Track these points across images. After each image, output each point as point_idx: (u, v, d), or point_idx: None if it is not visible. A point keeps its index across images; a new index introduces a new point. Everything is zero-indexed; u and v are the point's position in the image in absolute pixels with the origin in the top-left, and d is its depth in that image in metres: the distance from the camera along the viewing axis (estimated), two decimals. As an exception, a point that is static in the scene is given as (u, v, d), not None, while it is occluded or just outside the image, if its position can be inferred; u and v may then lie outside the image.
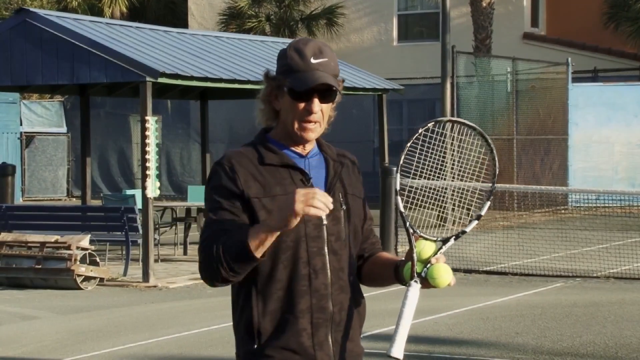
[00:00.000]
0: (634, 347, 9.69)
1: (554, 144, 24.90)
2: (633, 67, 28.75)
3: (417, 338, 10.18)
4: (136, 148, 30.81)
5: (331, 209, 3.24)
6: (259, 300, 3.47)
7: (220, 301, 12.30)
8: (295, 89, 3.44)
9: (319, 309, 3.47)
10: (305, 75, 3.43)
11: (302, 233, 3.44)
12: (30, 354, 10.05)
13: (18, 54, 15.79)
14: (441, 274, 3.41)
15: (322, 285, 3.47)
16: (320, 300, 3.47)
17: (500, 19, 28.31)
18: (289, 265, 3.45)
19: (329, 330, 3.49)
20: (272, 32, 31.29)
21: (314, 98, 3.44)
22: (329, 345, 3.49)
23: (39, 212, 17.04)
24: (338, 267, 3.51)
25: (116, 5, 35.76)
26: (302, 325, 3.45)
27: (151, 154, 14.84)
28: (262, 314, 3.47)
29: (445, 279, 3.41)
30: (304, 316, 3.45)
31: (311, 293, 3.46)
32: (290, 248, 3.43)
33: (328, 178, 3.54)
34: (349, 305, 3.53)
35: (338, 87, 3.47)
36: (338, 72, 3.51)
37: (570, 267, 14.98)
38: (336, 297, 3.49)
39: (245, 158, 3.49)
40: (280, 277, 3.45)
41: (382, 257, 3.67)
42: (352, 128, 27.41)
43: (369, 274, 3.66)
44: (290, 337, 3.45)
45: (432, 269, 3.42)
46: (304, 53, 3.46)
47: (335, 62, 3.50)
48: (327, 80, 3.43)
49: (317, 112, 3.45)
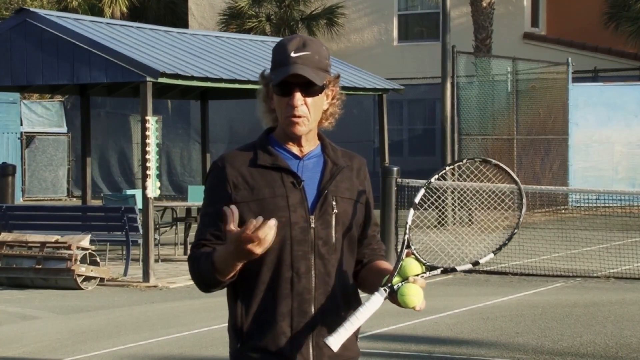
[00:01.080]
0: (634, 347, 9.69)
1: (554, 144, 24.90)
2: (633, 67, 28.75)
3: (417, 338, 10.18)
4: (136, 148, 30.81)
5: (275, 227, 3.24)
6: (243, 301, 3.48)
7: (220, 301, 12.27)
8: (273, 83, 3.44)
9: (300, 313, 3.44)
10: (283, 69, 3.41)
11: (288, 236, 3.42)
12: (30, 354, 10.05)
13: (18, 54, 15.79)
14: (411, 294, 3.35)
15: (304, 289, 3.44)
16: (301, 304, 3.44)
17: (501, 19, 28.31)
18: (272, 268, 3.44)
19: (310, 335, 3.45)
20: (272, 32, 31.30)
21: (295, 92, 3.41)
22: (308, 350, 3.45)
23: (39, 212, 17.03)
24: (324, 271, 3.46)
25: (116, 5, 35.77)
26: (281, 328, 3.43)
27: (151, 154, 14.84)
28: (245, 315, 3.47)
29: (412, 299, 3.34)
30: (284, 319, 3.43)
31: (293, 297, 3.43)
32: (275, 251, 3.41)
33: (322, 181, 3.50)
34: (337, 311, 3.47)
35: (317, 79, 3.41)
36: (325, 66, 3.46)
37: (570, 267, 14.98)
38: (320, 302, 3.45)
39: (240, 159, 3.49)
40: (264, 278, 3.45)
41: (378, 266, 3.60)
42: (352, 128, 27.40)
43: (363, 280, 3.61)
44: (269, 339, 3.44)
45: (405, 286, 3.37)
46: (286, 47, 3.44)
47: (321, 56, 3.45)
48: (300, 71, 3.38)
49: (299, 106, 3.41)
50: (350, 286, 3.57)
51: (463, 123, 22.46)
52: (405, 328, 10.56)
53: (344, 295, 3.52)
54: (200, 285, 3.47)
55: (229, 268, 3.32)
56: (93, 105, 26.05)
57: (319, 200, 3.48)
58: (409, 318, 10.96)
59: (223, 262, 3.31)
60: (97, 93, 20.26)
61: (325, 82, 3.46)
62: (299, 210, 3.44)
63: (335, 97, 3.54)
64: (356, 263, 3.62)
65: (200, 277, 3.43)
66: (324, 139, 3.58)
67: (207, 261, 3.36)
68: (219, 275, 3.34)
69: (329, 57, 3.52)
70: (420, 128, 30.26)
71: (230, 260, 3.29)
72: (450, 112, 21.35)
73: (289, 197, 3.44)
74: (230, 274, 3.34)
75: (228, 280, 3.38)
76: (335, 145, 3.60)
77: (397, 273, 3.40)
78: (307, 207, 3.46)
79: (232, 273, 3.34)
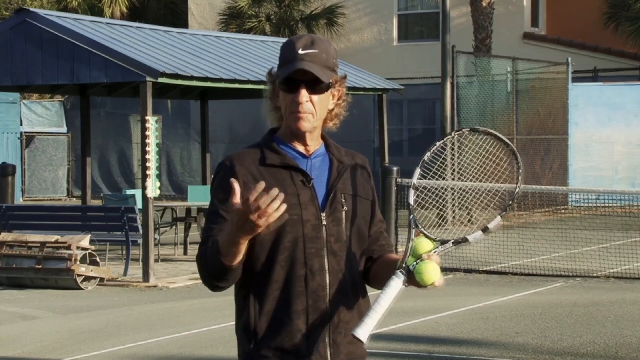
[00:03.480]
0: (634, 347, 9.69)
1: (554, 143, 24.90)
2: (633, 67, 28.75)
3: (417, 338, 10.18)
4: (136, 148, 30.81)
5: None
6: (256, 301, 3.47)
7: (220, 301, 12.31)
8: (279, 80, 3.45)
9: (315, 310, 3.45)
10: (289, 65, 3.43)
11: (300, 234, 3.43)
12: (30, 354, 10.05)
13: (18, 54, 15.79)
14: (428, 270, 3.35)
15: (319, 286, 3.45)
16: (316, 301, 3.45)
17: (500, 19, 28.31)
18: (286, 266, 3.44)
19: (325, 332, 3.46)
20: (272, 32, 31.30)
21: (300, 89, 3.42)
22: (325, 347, 3.46)
23: (39, 212, 17.03)
24: (338, 268, 3.48)
25: (116, 5, 35.76)
26: (297, 326, 3.44)
27: (151, 154, 14.84)
28: (258, 315, 3.46)
29: (430, 276, 3.35)
30: (299, 317, 3.44)
31: (307, 294, 3.44)
32: (288, 249, 3.42)
33: (330, 179, 3.53)
34: (349, 308, 3.50)
35: (323, 76, 3.42)
36: (332, 65, 3.48)
37: (570, 267, 14.98)
38: (335, 298, 3.47)
39: (248, 158, 3.50)
40: (277, 277, 3.45)
41: (388, 258, 3.61)
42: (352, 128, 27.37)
43: (375, 275, 3.61)
44: (285, 337, 3.44)
45: (421, 264, 3.37)
46: (294, 45, 3.46)
47: (328, 55, 3.46)
48: (306, 67, 3.40)
49: (304, 102, 3.43)
50: (360, 283, 3.59)
51: (463, 123, 22.45)
52: (405, 328, 10.56)
53: (355, 291, 3.54)
54: (207, 279, 3.41)
55: (234, 247, 3.25)
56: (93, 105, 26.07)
57: (328, 198, 3.49)
58: (409, 318, 10.97)
59: (228, 241, 3.26)
60: (97, 93, 20.27)
61: (331, 80, 3.47)
62: (310, 208, 3.46)
63: (342, 98, 3.56)
64: (366, 260, 3.63)
65: (207, 269, 3.38)
66: (327, 138, 3.60)
67: (213, 247, 3.34)
68: (224, 258, 3.28)
69: (336, 57, 3.53)
70: (420, 128, 30.26)
71: (234, 235, 3.22)
72: (450, 112, 21.35)
73: (300, 195, 3.45)
74: (236, 256, 3.27)
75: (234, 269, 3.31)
76: (338, 145, 3.62)
77: (409, 254, 3.40)
78: (318, 204, 3.48)
79: (238, 257, 3.28)
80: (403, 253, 3.43)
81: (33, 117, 32.14)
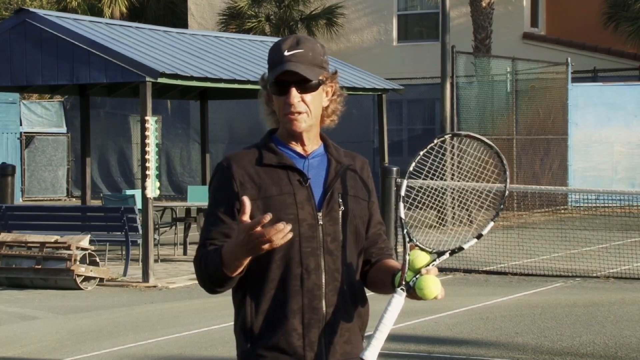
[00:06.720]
0: (633, 347, 9.69)
1: (553, 144, 24.90)
2: (633, 67, 28.75)
3: (417, 338, 10.18)
4: (136, 148, 30.81)
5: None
6: (253, 301, 3.48)
7: (220, 301, 12.30)
8: (269, 84, 3.48)
9: (311, 310, 3.45)
10: (277, 68, 3.45)
11: (296, 233, 3.42)
12: (30, 354, 10.05)
13: (18, 54, 15.79)
14: (429, 285, 3.36)
15: (315, 285, 3.45)
16: (312, 300, 3.45)
17: (500, 19, 28.32)
18: (282, 266, 3.45)
19: (321, 332, 3.46)
20: (272, 32, 31.30)
21: (290, 89, 3.44)
22: (320, 347, 3.46)
23: (38, 212, 17.03)
24: (334, 267, 3.48)
25: (116, 6, 35.77)
26: (292, 325, 3.44)
27: (151, 154, 14.84)
28: (254, 314, 3.47)
29: (432, 290, 3.35)
30: (294, 316, 3.44)
31: (303, 293, 3.44)
32: (284, 248, 3.41)
33: (328, 178, 3.53)
34: (346, 307, 3.50)
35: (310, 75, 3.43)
36: (320, 63, 3.49)
37: (570, 267, 14.98)
38: (331, 298, 3.47)
39: (246, 159, 3.51)
40: (273, 276, 3.46)
41: (386, 264, 3.61)
42: (352, 128, 27.41)
43: (372, 279, 3.62)
44: (281, 336, 3.45)
45: (421, 280, 3.38)
46: (280, 47, 3.48)
47: (315, 53, 3.48)
48: (293, 68, 3.41)
49: (295, 102, 3.44)
50: (357, 283, 3.58)
51: (462, 123, 22.45)
52: (405, 328, 10.56)
53: (352, 291, 3.54)
54: (206, 284, 3.46)
55: (237, 262, 3.30)
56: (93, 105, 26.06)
57: (325, 198, 3.50)
58: (408, 318, 10.97)
59: (231, 254, 3.29)
60: (97, 93, 20.27)
61: (321, 78, 3.48)
62: (306, 208, 3.47)
63: (336, 94, 3.56)
64: (364, 263, 3.63)
65: (207, 274, 3.41)
66: (326, 139, 3.61)
67: (215, 255, 3.36)
68: (226, 269, 3.32)
69: (324, 54, 3.53)
70: (419, 128, 30.26)
71: (238, 252, 3.26)
72: (450, 112, 21.35)
73: (296, 194, 3.46)
74: (237, 269, 3.32)
75: (234, 278, 3.36)
76: (338, 146, 3.63)
77: (407, 269, 3.40)
78: (315, 204, 3.49)
79: (239, 269, 3.33)
80: (401, 268, 3.44)
81: (33, 117, 32.14)
